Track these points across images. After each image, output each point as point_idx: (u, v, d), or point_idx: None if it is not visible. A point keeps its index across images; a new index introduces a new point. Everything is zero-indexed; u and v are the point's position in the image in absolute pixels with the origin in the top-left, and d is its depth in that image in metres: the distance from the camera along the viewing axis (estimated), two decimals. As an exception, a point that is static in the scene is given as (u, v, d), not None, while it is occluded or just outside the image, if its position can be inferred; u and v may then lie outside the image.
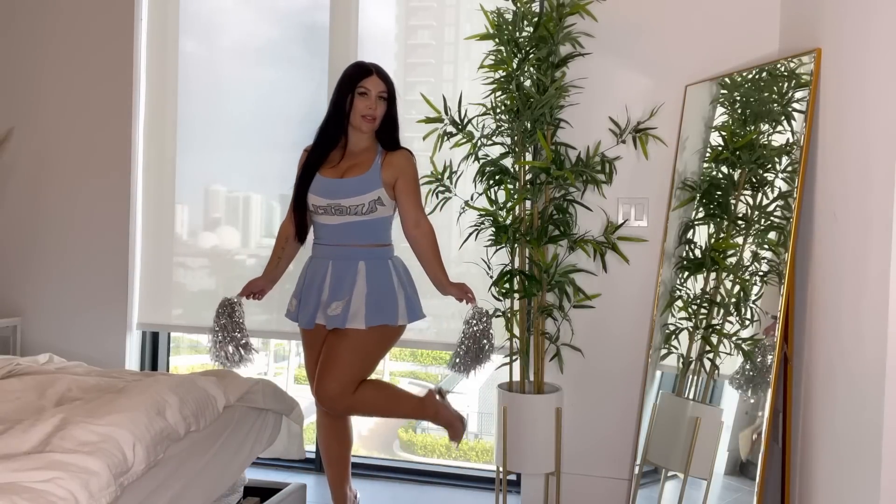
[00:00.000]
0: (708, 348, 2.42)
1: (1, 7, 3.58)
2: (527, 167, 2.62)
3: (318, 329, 2.45)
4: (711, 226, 2.52)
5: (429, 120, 2.71)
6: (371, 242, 2.44)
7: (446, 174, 2.75)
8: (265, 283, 2.60)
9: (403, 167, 2.46)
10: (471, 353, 2.46)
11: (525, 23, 2.60)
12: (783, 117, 2.31)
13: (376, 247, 2.45)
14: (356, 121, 2.43)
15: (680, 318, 2.58)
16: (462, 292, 2.49)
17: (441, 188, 2.76)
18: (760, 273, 2.32)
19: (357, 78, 2.43)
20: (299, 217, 2.50)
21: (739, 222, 2.41)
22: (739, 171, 2.42)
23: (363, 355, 2.39)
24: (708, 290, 2.48)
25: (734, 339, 2.32)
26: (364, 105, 2.41)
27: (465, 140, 2.70)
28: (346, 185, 2.41)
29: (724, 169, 2.49)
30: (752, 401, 2.24)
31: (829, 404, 1.96)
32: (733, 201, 2.44)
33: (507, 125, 2.63)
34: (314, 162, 2.47)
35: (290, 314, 2.54)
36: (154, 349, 3.59)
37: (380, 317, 2.38)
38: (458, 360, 2.48)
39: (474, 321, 2.46)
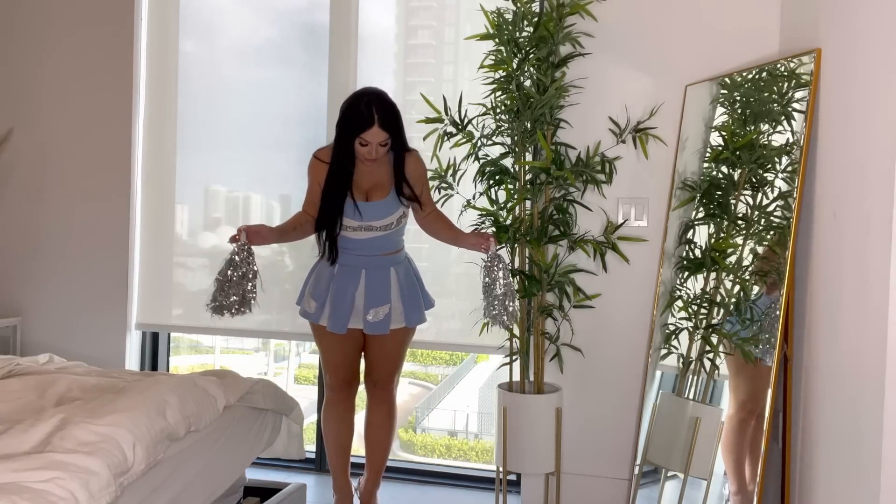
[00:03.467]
0: (708, 348, 2.42)
1: (1, 7, 3.59)
2: (527, 167, 2.62)
3: (350, 332, 2.55)
4: (711, 226, 2.52)
5: (429, 120, 2.71)
6: (395, 249, 2.57)
7: (449, 172, 2.74)
8: (272, 234, 2.42)
9: (416, 176, 2.53)
10: (492, 304, 2.31)
11: (525, 23, 2.60)
12: (783, 117, 2.31)
13: (399, 252, 2.59)
14: (359, 158, 2.44)
15: (680, 318, 2.58)
16: (480, 240, 2.34)
17: (443, 185, 2.76)
18: (760, 273, 2.32)
19: (357, 130, 2.34)
20: (331, 240, 2.48)
21: (739, 222, 2.41)
22: (739, 171, 2.42)
23: (405, 348, 2.67)
24: (708, 290, 2.48)
25: (734, 339, 2.32)
26: (365, 151, 2.39)
27: (465, 140, 2.70)
28: (373, 208, 2.48)
29: (724, 169, 2.49)
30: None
31: (829, 404, 1.96)
32: (733, 201, 2.44)
33: (507, 125, 2.63)
34: (342, 186, 2.45)
35: (310, 315, 2.56)
36: (154, 349, 3.59)
37: (417, 316, 2.58)
38: (493, 313, 2.32)
39: (486, 268, 2.32)
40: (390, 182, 2.50)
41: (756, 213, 2.36)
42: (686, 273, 2.58)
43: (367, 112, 2.33)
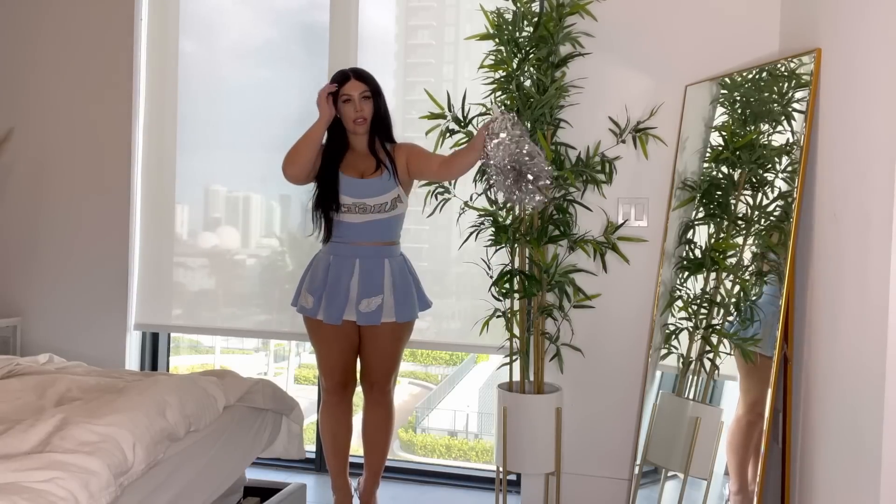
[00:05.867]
0: (708, 348, 2.42)
1: (0, 7, 3.58)
2: (527, 167, 2.62)
3: (345, 325, 2.55)
4: (711, 226, 2.52)
5: (432, 116, 2.71)
6: (390, 240, 2.58)
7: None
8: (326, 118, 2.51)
9: (408, 149, 2.59)
10: (511, 170, 2.21)
11: (525, 23, 2.60)
12: (783, 117, 2.31)
13: (393, 244, 2.59)
14: (349, 126, 2.54)
15: (680, 318, 2.57)
16: (482, 131, 2.32)
17: (441, 189, 2.76)
18: (760, 273, 2.32)
19: (337, 88, 2.51)
20: (327, 217, 2.55)
21: (739, 222, 2.41)
22: (739, 171, 2.42)
23: (401, 347, 2.64)
24: (708, 290, 2.48)
25: (734, 339, 2.32)
26: (351, 110, 2.51)
27: (466, 139, 2.70)
28: (368, 184, 2.52)
29: (724, 169, 2.49)
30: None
31: (829, 404, 1.96)
32: (733, 201, 2.44)
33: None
34: (333, 163, 2.54)
35: (307, 310, 2.57)
36: (154, 349, 3.59)
37: (409, 312, 2.56)
38: (497, 186, 2.25)
39: (498, 130, 2.22)
40: (384, 164, 2.56)
41: (756, 213, 2.36)
42: (686, 273, 2.58)
43: (343, 72, 2.55)
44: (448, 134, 2.72)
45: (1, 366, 2.38)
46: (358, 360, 2.68)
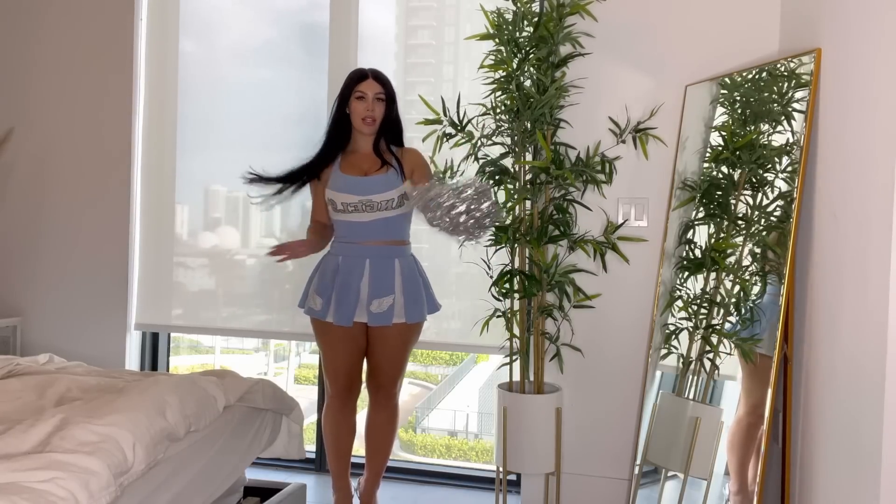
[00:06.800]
0: (708, 348, 2.42)
1: (1, 8, 3.58)
2: (527, 167, 2.62)
3: (354, 326, 2.54)
4: (711, 226, 2.52)
5: (428, 122, 2.71)
6: (399, 239, 2.58)
7: (448, 173, 2.74)
8: (307, 247, 2.56)
9: (416, 161, 2.60)
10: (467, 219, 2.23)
11: (525, 23, 2.60)
12: (783, 117, 2.31)
13: (403, 244, 2.59)
14: (357, 124, 2.55)
15: (680, 318, 2.57)
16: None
17: (441, 188, 2.76)
18: (760, 273, 2.32)
19: (354, 83, 2.55)
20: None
21: (739, 222, 2.41)
22: (739, 171, 2.42)
23: (409, 350, 2.64)
24: (708, 290, 2.48)
25: (734, 339, 2.32)
26: (363, 108, 2.52)
27: (464, 140, 2.70)
28: (373, 182, 2.52)
29: (724, 169, 2.49)
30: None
31: (829, 404, 1.96)
32: (733, 201, 2.44)
33: (507, 125, 2.63)
34: (327, 159, 2.58)
35: (316, 312, 2.57)
36: (154, 349, 3.59)
37: (418, 313, 2.56)
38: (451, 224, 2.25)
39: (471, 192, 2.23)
40: (389, 162, 2.57)
41: (756, 213, 2.36)
42: (686, 273, 2.58)
43: (362, 70, 2.61)
44: (445, 138, 2.72)
45: (1, 366, 2.38)
46: (363, 363, 2.67)
